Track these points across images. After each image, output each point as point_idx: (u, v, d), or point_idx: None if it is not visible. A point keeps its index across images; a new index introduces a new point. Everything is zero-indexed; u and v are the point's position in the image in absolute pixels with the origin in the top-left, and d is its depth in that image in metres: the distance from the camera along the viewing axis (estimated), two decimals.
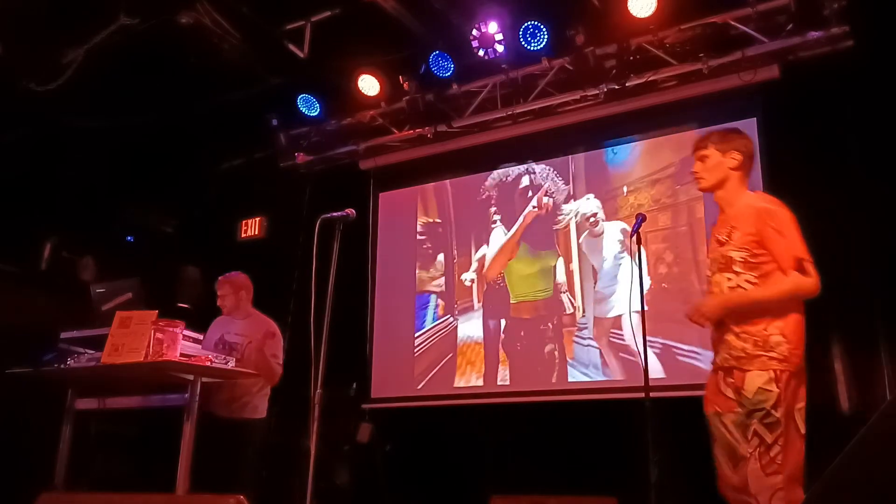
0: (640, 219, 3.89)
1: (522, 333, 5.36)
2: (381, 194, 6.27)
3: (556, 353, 5.19)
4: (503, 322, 5.45)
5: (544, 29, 5.02)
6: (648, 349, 3.49)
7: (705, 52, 4.80)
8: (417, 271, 5.92)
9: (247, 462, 4.27)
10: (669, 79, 5.03)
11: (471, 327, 5.56)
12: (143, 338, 3.54)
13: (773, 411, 2.58)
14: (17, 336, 4.66)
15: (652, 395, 3.64)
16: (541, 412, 5.04)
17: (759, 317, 2.70)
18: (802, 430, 2.65)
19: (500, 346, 5.41)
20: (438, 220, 5.97)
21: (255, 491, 4.15)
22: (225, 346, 4.32)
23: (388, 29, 5.15)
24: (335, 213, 3.28)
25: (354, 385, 5.58)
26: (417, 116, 5.69)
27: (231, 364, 3.84)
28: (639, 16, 4.73)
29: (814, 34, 4.51)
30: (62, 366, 3.72)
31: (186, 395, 3.62)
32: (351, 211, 3.32)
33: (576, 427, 4.84)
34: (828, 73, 4.51)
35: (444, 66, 5.42)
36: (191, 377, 3.64)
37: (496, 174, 5.80)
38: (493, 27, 5.07)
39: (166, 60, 5.34)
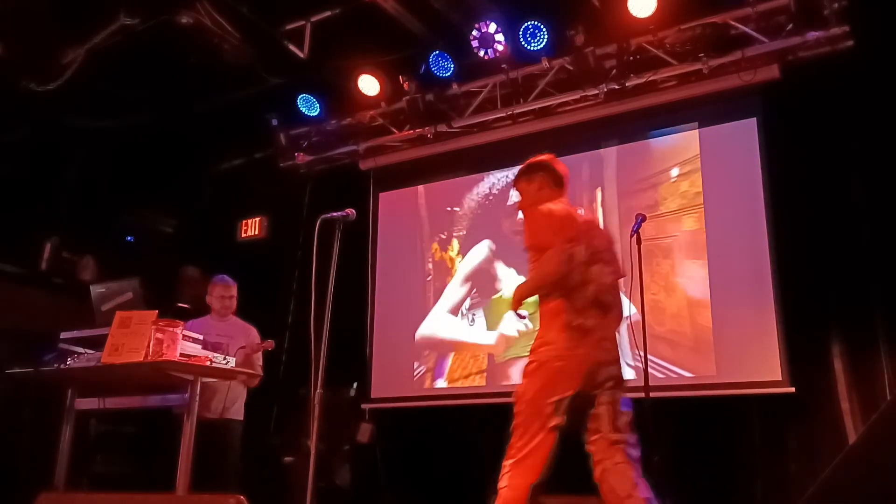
0: (640, 219, 3.89)
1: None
2: (381, 194, 6.27)
3: None
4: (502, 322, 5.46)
5: (544, 29, 5.02)
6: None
7: (705, 52, 4.80)
8: (428, 264, 5.92)
9: (229, 463, 4.32)
10: (669, 79, 5.03)
11: (471, 326, 5.56)
12: (143, 338, 3.54)
13: (516, 406, 2.81)
14: (17, 336, 4.66)
15: (652, 395, 3.64)
16: None
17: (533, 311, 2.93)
18: (551, 424, 2.76)
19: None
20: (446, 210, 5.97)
21: (235, 491, 4.16)
22: (209, 347, 4.34)
23: (388, 29, 5.15)
24: (335, 213, 3.28)
25: (354, 385, 5.58)
26: (417, 116, 5.69)
27: (231, 364, 3.85)
28: (639, 16, 4.73)
29: (814, 34, 4.51)
30: (62, 366, 3.72)
31: (186, 395, 3.62)
32: (351, 211, 3.32)
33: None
34: (828, 73, 4.51)
35: (444, 66, 5.42)
36: (191, 377, 3.64)
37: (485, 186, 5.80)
38: (493, 27, 5.07)
39: (166, 60, 5.35)
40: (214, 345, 4.32)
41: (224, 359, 3.84)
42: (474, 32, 5.09)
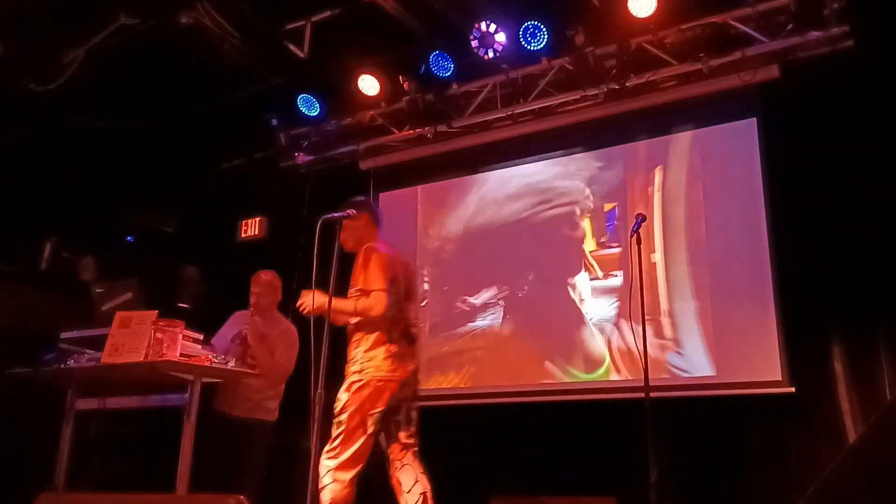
0: (640, 219, 3.89)
1: (523, 333, 5.36)
2: (381, 194, 6.27)
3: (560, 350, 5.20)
4: (502, 321, 5.46)
5: (544, 29, 5.02)
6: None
7: (705, 52, 4.80)
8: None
9: (251, 463, 4.27)
10: (669, 79, 5.03)
11: (471, 327, 5.56)
12: (143, 338, 3.55)
13: (340, 415, 3.32)
14: (17, 336, 4.66)
15: (652, 395, 3.64)
16: (541, 412, 5.04)
17: (354, 336, 3.47)
18: (370, 431, 3.34)
19: (500, 345, 5.42)
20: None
21: (254, 492, 4.15)
22: (243, 341, 4.34)
23: (388, 29, 5.15)
24: (336, 213, 3.29)
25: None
26: (417, 116, 5.69)
27: (231, 364, 3.85)
28: (639, 16, 4.73)
29: (814, 34, 4.51)
30: (62, 366, 3.72)
31: (186, 395, 3.62)
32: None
33: (576, 427, 4.84)
34: (828, 73, 4.51)
35: (444, 66, 5.42)
36: (191, 377, 3.64)
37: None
38: (493, 27, 5.07)
39: (166, 60, 5.35)
40: (246, 339, 4.31)
41: (224, 358, 3.84)
42: (474, 32, 5.09)
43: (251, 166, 6.67)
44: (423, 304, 5.82)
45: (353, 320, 3.49)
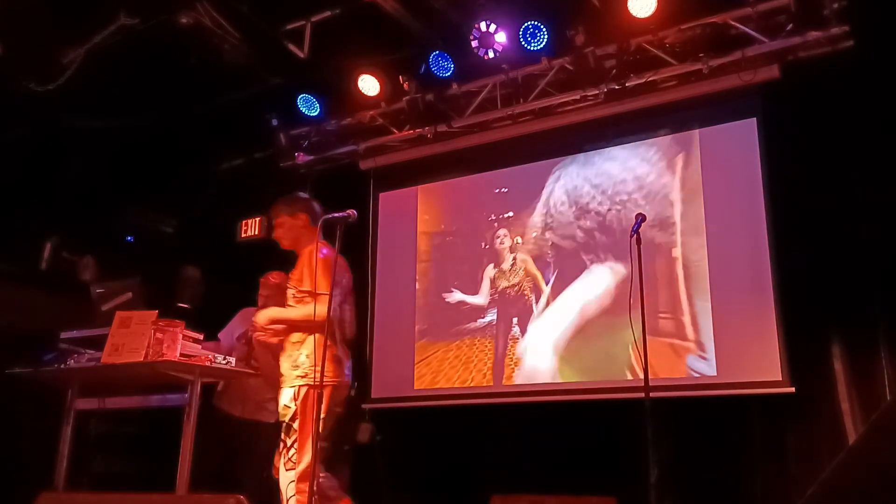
0: (640, 219, 3.89)
1: (523, 332, 5.37)
2: (381, 194, 6.27)
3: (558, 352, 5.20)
4: (503, 321, 5.46)
5: (544, 29, 5.02)
6: None
7: (705, 52, 4.80)
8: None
9: (251, 463, 4.27)
10: (669, 79, 5.03)
11: (471, 326, 5.56)
12: (143, 338, 3.55)
13: (292, 423, 3.32)
14: (17, 336, 4.66)
15: (652, 395, 3.64)
16: (541, 412, 5.04)
17: (294, 337, 3.45)
18: (325, 432, 3.33)
19: (500, 345, 5.42)
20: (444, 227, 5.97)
21: (255, 492, 4.15)
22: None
23: (388, 29, 5.15)
24: (337, 214, 3.29)
25: (354, 385, 5.58)
26: (417, 116, 5.68)
27: (231, 364, 3.85)
28: (639, 16, 4.73)
29: (814, 34, 4.51)
30: (62, 366, 3.73)
31: (186, 395, 3.63)
32: (352, 212, 3.33)
33: (576, 427, 4.84)
34: (828, 73, 4.51)
35: (444, 66, 5.41)
36: (191, 377, 3.65)
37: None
38: (493, 27, 5.07)
39: (166, 60, 5.34)
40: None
41: (224, 358, 3.84)
42: (474, 32, 5.09)
43: (251, 166, 6.67)
44: (422, 303, 5.84)
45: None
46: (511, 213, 5.65)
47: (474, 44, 5.12)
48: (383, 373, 5.78)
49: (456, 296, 5.71)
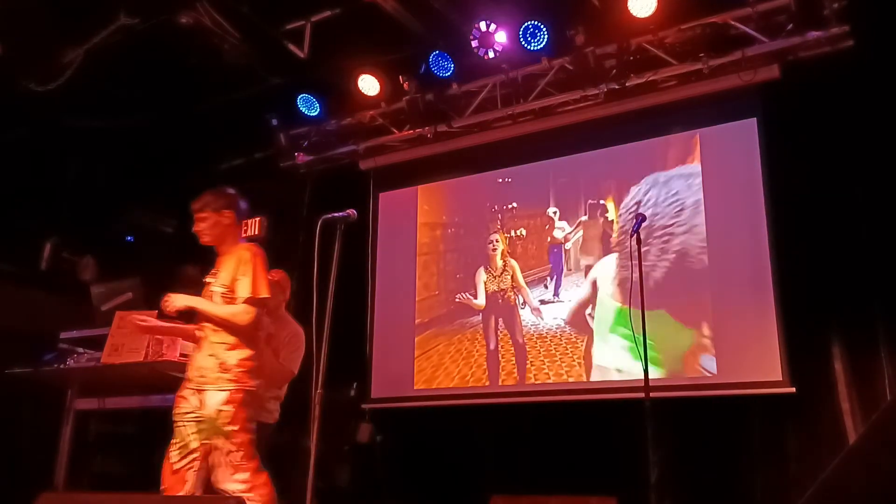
0: (640, 219, 3.90)
1: (523, 333, 5.37)
2: (381, 194, 6.27)
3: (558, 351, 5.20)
4: (503, 322, 5.46)
5: (544, 29, 5.02)
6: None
7: (705, 52, 4.80)
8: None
9: None
10: (669, 79, 5.03)
11: (471, 326, 5.57)
12: (142, 338, 3.55)
13: (231, 425, 3.19)
14: (17, 336, 4.66)
15: (652, 395, 3.64)
16: (541, 412, 5.04)
17: (223, 338, 3.31)
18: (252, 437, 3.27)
19: (500, 345, 5.42)
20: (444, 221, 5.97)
21: None
22: None
23: (388, 29, 5.15)
24: (337, 214, 3.28)
25: (354, 385, 5.58)
26: (417, 116, 5.68)
27: None
28: (639, 16, 4.73)
29: (814, 34, 4.51)
30: (62, 366, 3.73)
31: None
32: (352, 211, 3.32)
33: (576, 427, 4.84)
34: (828, 73, 4.51)
35: (444, 66, 5.41)
36: None
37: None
38: (493, 27, 5.07)
39: (166, 60, 5.34)
40: None
41: None
42: (474, 32, 5.09)
43: (251, 166, 6.66)
44: (422, 297, 5.83)
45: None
46: (515, 204, 5.65)
47: (474, 44, 5.12)
48: (383, 373, 5.78)
49: (459, 297, 5.73)
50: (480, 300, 5.61)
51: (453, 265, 5.82)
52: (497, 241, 5.65)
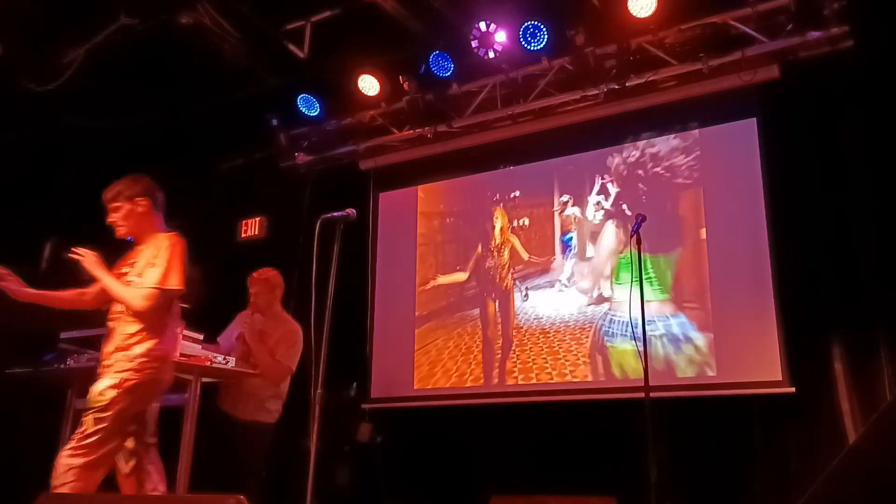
0: (641, 219, 3.90)
1: (515, 325, 5.37)
2: (381, 194, 6.27)
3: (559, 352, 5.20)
4: (499, 308, 5.46)
5: (544, 29, 5.02)
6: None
7: (705, 52, 4.80)
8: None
9: (251, 463, 4.27)
10: (669, 79, 5.03)
11: (471, 319, 5.57)
12: None
13: (104, 412, 3.04)
14: (17, 336, 4.66)
15: (652, 395, 3.64)
16: (541, 412, 5.04)
17: (132, 327, 3.20)
18: (128, 430, 3.17)
19: (501, 346, 5.42)
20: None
21: (255, 492, 4.15)
22: (240, 339, 4.34)
23: (388, 29, 5.15)
24: (336, 213, 3.28)
25: (354, 385, 5.58)
26: (417, 116, 5.68)
27: (231, 364, 3.85)
28: (639, 16, 4.73)
29: (814, 34, 4.51)
30: (62, 366, 3.73)
31: (186, 395, 3.63)
32: (352, 211, 3.32)
33: (576, 427, 4.84)
34: (828, 73, 4.51)
35: (444, 66, 5.42)
36: (191, 377, 3.65)
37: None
38: (493, 27, 5.07)
39: (166, 60, 5.34)
40: (244, 336, 4.33)
41: (224, 359, 3.84)
42: (474, 32, 5.09)
43: (251, 166, 6.66)
44: (421, 290, 5.84)
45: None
46: (518, 193, 5.66)
47: (474, 44, 5.12)
48: (383, 373, 5.78)
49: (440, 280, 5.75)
50: (463, 274, 5.59)
51: (452, 256, 5.83)
52: (497, 218, 5.65)
